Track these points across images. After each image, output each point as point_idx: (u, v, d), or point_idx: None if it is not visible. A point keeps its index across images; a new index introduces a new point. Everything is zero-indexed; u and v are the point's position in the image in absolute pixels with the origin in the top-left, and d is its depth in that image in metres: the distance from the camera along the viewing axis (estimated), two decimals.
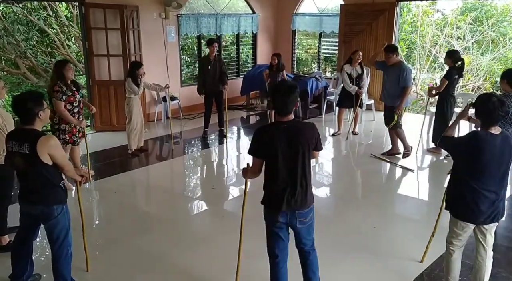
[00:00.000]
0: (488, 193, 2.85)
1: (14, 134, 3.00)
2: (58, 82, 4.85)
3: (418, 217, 4.73)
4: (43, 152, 2.86)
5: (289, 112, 2.73)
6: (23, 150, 2.86)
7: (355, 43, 8.98)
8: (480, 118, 2.91)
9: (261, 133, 2.82)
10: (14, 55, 11.02)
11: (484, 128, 2.87)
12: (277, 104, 2.72)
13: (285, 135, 2.72)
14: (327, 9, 10.30)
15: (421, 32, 12.01)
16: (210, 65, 7.10)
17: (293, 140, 2.72)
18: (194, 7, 9.86)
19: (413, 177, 5.95)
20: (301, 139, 2.73)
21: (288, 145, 2.72)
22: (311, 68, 12.21)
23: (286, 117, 2.75)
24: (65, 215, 3.11)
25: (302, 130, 2.78)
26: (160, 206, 5.12)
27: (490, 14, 11.75)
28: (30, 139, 2.86)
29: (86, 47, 7.40)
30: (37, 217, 3.09)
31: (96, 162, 6.28)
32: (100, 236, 4.26)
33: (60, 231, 3.09)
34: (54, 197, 3.02)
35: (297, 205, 2.79)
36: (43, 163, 2.88)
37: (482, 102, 2.86)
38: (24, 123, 2.95)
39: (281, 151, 2.72)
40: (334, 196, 5.45)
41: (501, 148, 2.81)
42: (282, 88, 2.73)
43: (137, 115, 6.28)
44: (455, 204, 3.01)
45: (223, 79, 7.21)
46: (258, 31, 10.25)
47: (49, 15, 11.10)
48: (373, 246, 4.00)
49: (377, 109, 8.77)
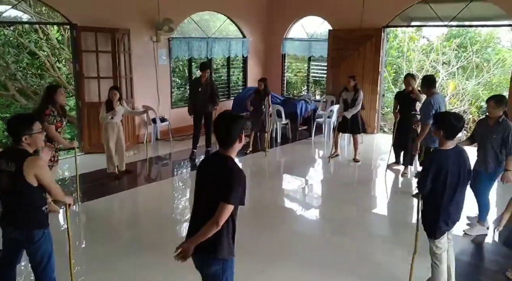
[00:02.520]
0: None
1: (5, 152, 2.99)
2: (49, 106, 4.87)
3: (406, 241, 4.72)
4: (29, 172, 2.82)
5: (224, 144, 2.48)
6: (10, 168, 2.84)
7: (343, 67, 9.15)
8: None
9: (202, 160, 2.73)
10: (4, 77, 11.01)
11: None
12: (215, 134, 2.51)
13: (208, 168, 2.55)
14: (316, 34, 10.53)
15: (407, 57, 12.30)
16: (201, 87, 7.19)
17: (212, 175, 2.48)
18: (185, 30, 10.01)
19: (402, 199, 5.98)
20: (210, 179, 2.48)
21: (204, 179, 2.54)
22: (301, 90, 12.37)
23: (223, 150, 2.50)
24: (47, 239, 3.03)
25: (220, 169, 2.45)
26: (147, 228, 5.05)
27: (474, 41, 12.10)
28: (17, 159, 2.84)
29: (77, 70, 7.42)
30: (18, 242, 3.02)
31: (84, 183, 6.20)
32: (86, 259, 4.17)
33: (42, 256, 3.01)
34: (35, 222, 2.95)
35: (204, 249, 2.48)
36: (28, 183, 2.84)
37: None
38: (14, 143, 2.95)
39: (199, 184, 2.58)
40: (320, 218, 5.44)
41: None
42: (222, 118, 2.49)
43: (111, 140, 6.22)
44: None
45: (214, 100, 7.28)
46: (249, 55, 10.41)
47: (40, 38, 11.17)
48: (360, 270, 3.98)
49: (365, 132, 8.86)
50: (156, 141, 8.54)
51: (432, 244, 3.35)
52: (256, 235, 4.61)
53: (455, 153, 3.20)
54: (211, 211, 2.42)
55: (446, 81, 12.03)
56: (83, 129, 7.61)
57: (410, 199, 5.92)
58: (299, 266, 4.01)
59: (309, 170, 7.27)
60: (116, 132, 6.27)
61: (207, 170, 2.55)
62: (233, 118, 2.49)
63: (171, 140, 8.47)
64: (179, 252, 2.48)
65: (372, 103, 9.07)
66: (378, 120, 9.30)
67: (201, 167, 2.63)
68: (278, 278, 3.80)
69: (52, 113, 4.87)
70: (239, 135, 2.47)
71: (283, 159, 8.16)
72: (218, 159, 2.51)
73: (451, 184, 3.16)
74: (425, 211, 3.32)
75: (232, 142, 2.47)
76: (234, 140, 2.47)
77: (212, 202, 2.42)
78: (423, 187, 3.19)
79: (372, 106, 9.09)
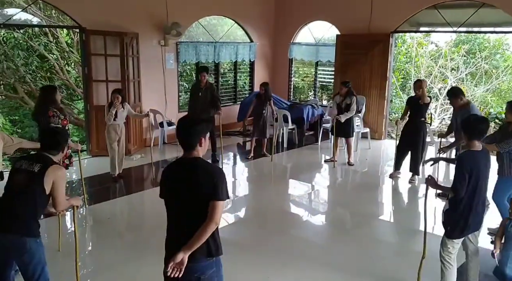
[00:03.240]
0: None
1: (29, 155, 3.11)
2: (50, 107, 4.94)
3: (414, 247, 4.68)
4: (50, 177, 2.90)
5: (188, 148, 2.47)
6: (32, 168, 2.90)
7: (350, 72, 9.13)
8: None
9: (163, 171, 2.61)
10: (13, 79, 11.11)
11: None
12: (178, 138, 2.51)
13: (180, 175, 2.45)
14: (323, 38, 10.53)
15: (415, 63, 12.26)
16: (201, 92, 7.11)
17: (185, 180, 2.41)
18: (193, 35, 10.05)
19: (408, 206, 5.94)
20: (187, 182, 2.40)
21: (180, 186, 2.42)
22: (308, 95, 12.35)
23: (188, 154, 2.49)
24: (40, 249, 2.97)
25: (194, 171, 2.40)
26: (154, 232, 5.04)
27: (483, 47, 12.04)
28: (44, 162, 2.95)
29: (86, 73, 7.48)
30: (9, 249, 2.94)
31: (91, 187, 6.24)
32: (92, 263, 4.19)
33: (35, 266, 2.94)
34: (27, 229, 2.90)
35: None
36: (42, 187, 2.88)
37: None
38: (41, 151, 3.08)
39: (172, 193, 2.48)
40: (327, 224, 5.41)
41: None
42: (182, 121, 2.52)
43: (114, 144, 6.24)
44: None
45: (215, 104, 7.15)
46: (256, 59, 10.43)
47: (49, 41, 11.27)
48: (366, 276, 3.95)
49: (372, 137, 8.84)
50: (163, 145, 8.57)
51: (450, 244, 3.37)
52: (262, 240, 4.59)
53: (483, 154, 3.33)
54: (192, 216, 2.38)
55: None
56: (91, 132, 7.66)
57: (417, 205, 5.90)
58: (305, 271, 3.99)
59: (315, 175, 7.25)
60: (119, 134, 6.29)
61: (178, 177, 2.46)
62: (192, 121, 2.52)
63: (178, 144, 8.48)
64: (173, 266, 2.33)
65: (380, 109, 9.03)
66: (386, 126, 9.25)
67: (168, 175, 2.54)
68: None
69: (55, 113, 4.96)
70: (200, 138, 2.47)
71: (289, 164, 8.14)
72: (188, 163, 2.47)
73: (481, 185, 3.25)
74: (451, 211, 3.33)
75: (194, 145, 2.47)
76: (195, 143, 2.47)
77: (192, 207, 2.39)
78: (461, 188, 3.19)
79: (379, 112, 9.05)
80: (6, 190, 3.00)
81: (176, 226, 2.51)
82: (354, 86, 7.49)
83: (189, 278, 2.41)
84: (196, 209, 2.38)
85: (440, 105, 11.95)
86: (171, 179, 2.50)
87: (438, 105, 11.93)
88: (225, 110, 9.26)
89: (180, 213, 2.47)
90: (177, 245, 2.38)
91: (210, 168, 2.46)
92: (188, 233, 2.37)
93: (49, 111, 4.96)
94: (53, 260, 3.80)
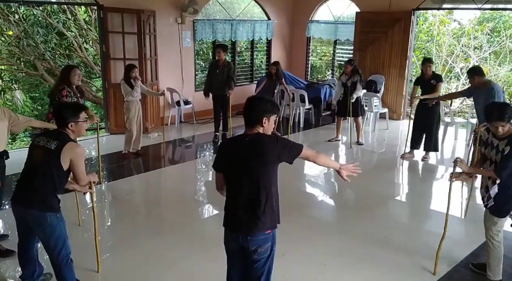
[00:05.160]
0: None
1: (47, 132, 3.14)
2: (65, 87, 4.87)
3: (431, 228, 4.67)
4: (66, 155, 2.91)
5: (252, 123, 2.54)
6: (49, 145, 2.92)
7: (370, 51, 8.96)
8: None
9: (222, 146, 2.72)
10: (33, 57, 11.24)
11: None
12: (244, 114, 2.58)
13: (243, 150, 2.51)
14: (342, 16, 10.29)
15: (437, 41, 11.93)
16: (219, 69, 7.17)
17: (248, 155, 2.49)
18: (210, 12, 9.95)
19: (425, 186, 5.89)
20: (256, 155, 2.48)
21: (243, 160, 2.50)
22: (325, 75, 12.19)
23: (250, 130, 2.56)
24: (60, 223, 3.02)
25: (261, 145, 2.50)
26: (171, 209, 5.15)
27: (508, 25, 11.62)
28: (61, 139, 2.96)
29: (103, 51, 7.52)
30: (30, 223, 3.01)
31: (110, 164, 6.35)
32: (111, 238, 4.30)
33: (57, 240, 3.00)
34: (47, 204, 2.96)
35: (247, 228, 2.51)
36: (59, 164, 2.91)
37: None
38: (59, 128, 3.08)
39: (236, 166, 2.53)
40: (342, 205, 5.41)
41: None
42: (250, 99, 2.61)
43: (134, 120, 6.30)
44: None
45: (229, 83, 7.21)
46: (273, 38, 10.29)
47: (68, 18, 11.32)
48: (381, 256, 3.96)
49: (390, 118, 8.73)
50: (180, 124, 8.62)
51: (500, 224, 3.43)
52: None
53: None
54: (258, 184, 2.47)
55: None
56: (109, 109, 7.75)
57: (434, 186, 5.85)
58: (319, 251, 4.02)
59: (331, 155, 7.22)
60: (138, 111, 6.35)
61: (242, 147, 2.52)
62: (260, 99, 2.58)
63: (195, 123, 8.53)
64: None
65: (399, 89, 8.87)
66: (405, 106, 9.08)
67: (231, 147, 2.61)
68: (298, 261, 3.83)
69: (69, 93, 4.88)
70: (264, 117, 2.52)
71: (305, 144, 8.06)
72: (251, 136, 2.53)
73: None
74: (503, 191, 3.35)
75: (258, 122, 2.52)
76: (259, 121, 2.52)
77: (260, 177, 2.48)
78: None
79: (399, 92, 8.89)
80: (26, 166, 3.07)
81: (241, 196, 2.54)
82: (373, 65, 7.37)
83: (250, 250, 2.54)
84: (264, 178, 2.48)
85: (461, 85, 11.66)
86: (236, 151, 2.54)
87: (460, 85, 11.65)
88: (241, 89, 9.26)
89: (246, 184, 2.51)
90: (244, 214, 2.50)
91: (272, 137, 2.56)
92: (255, 201, 2.48)
93: (63, 90, 4.86)
94: (74, 235, 3.93)
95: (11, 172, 4.22)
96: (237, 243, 2.56)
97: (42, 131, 3.26)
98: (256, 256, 2.56)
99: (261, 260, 2.58)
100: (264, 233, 2.52)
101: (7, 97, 12.23)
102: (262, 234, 2.51)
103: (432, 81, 6.19)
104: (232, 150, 2.58)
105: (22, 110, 12.16)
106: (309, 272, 3.68)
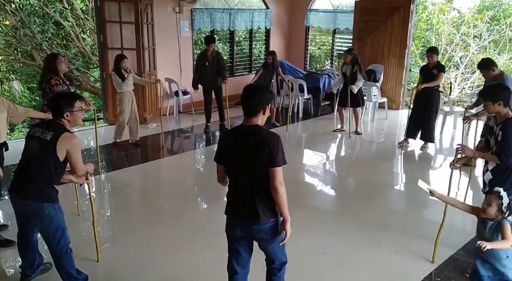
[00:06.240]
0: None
1: (43, 122, 3.12)
2: (52, 76, 4.79)
3: (430, 216, 4.69)
4: (62, 145, 2.90)
5: (252, 113, 2.54)
6: (44, 136, 2.91)
7: (369, 40, 8.91)
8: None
9: (222, 138, 2.75)
10: (30, 47, 11.15)
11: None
12: (243, 103, 2.57)
13: (239, 143, 2.54)
14: (341, 5, 10.22)
15: (436, 30, 11.87)
16: (208, 61, 7.13)
17: (244, 148, 2.51)
18: (208, 2, 9.86)
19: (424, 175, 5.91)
20: (253, 148, 2.49)
21: (240, 152, 2.52)
22: (324, 65, 12.14)
23: (248, 120, 2.56)
24: (58, 213, 3.02)
25: (256, 138, 2.50)
26: (170, 199, 5.16)
27: (508, 13, 11.55)
28: (57, 130, 2.93)
29: (101, 40, 7.46)
30: (28, 214, 3.02)
31: (108, 154, 6.35)
32: (111, 228, 4.31)
33: (55, 230, 3.01)
34: (44, 195, 2.96)
35: (249, 218, 2.57)
36: (55, 155, 2.89)
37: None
38: (55, 118, 3.05)
39: (231, 159, 2.58)
40: (342, 193, 5.43)
41: None
42: (248, 88, 2.61)
43: (126, 110, 6.31)
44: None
45: (222, 73, 7.18)
46: (272, 27, 10.22)
47: (65, 8, 11.22)
48: (384, 244, 3.99)
49: (389, 107, 8.72)
50: (179, 114, 8.60)
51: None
52: None
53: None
54: (254, 179, 2.51)
55: (477, 55, 11.59)
56: (107, 100, 7.72)
57: (432, 174, 5.87)
58: (321, 240, 4.04)
59: (330, 145, 7.22)
60: (130, 102, 6.35)
61: (238, 142, 2.55)
62: (259, 88, 2.61)
63: (193, 113, 8.51)
64: (287, 236, 2.61)
65: (398, 78, 8.85)
66: (404, 95, 9.07)
67: (229, 140, 2.64)
68: (300, 250, 3.85)
69: (58, 82, 4.81)
70: (264, 106, 2.54)
71: (304, 134, 8.11)
72: (248, 129, 2.54)
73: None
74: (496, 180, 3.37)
75: (257, 112, 2.54)
76: (258, 110, 2.54)
77: (253, 170, 2.50)
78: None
79: (398, 81, 8.87)
80: (22, 156, 3.06)
81: (238, 188, 2.61)
82: (372, 55, 7.33)
83: (255, 238, 2.66)
84: (257, 172, 2.49)
85: (460, 74, 11.64)
86: (231, 144, 2.59)
87: (459, 74, 11.62)
88: (239, 79, 9.22)
89: (242, 176, 2.57)
90: (242, 205, 2.58)
91: (267, 134, 2.53)
92: (251, 194, 2.53)
93: (51, 79, 4.77)
94: (74, 225, 3.94)
95: (10, 163, 4.22)
96: (242, 230, 2.64)
97: (39, 122, 3.22)
98: (264, 243, 2.67)
99: (270, 244, 2.67)
100: (268, 221, 2.58)
101: (5, 87, 12.18)
102: (266, 222, 2.57)
103: (434, 70, 6.18)
104: (228, 143, 2.63)
105: (20, 100, 12.12)
106: (308, 260, 3.70)
